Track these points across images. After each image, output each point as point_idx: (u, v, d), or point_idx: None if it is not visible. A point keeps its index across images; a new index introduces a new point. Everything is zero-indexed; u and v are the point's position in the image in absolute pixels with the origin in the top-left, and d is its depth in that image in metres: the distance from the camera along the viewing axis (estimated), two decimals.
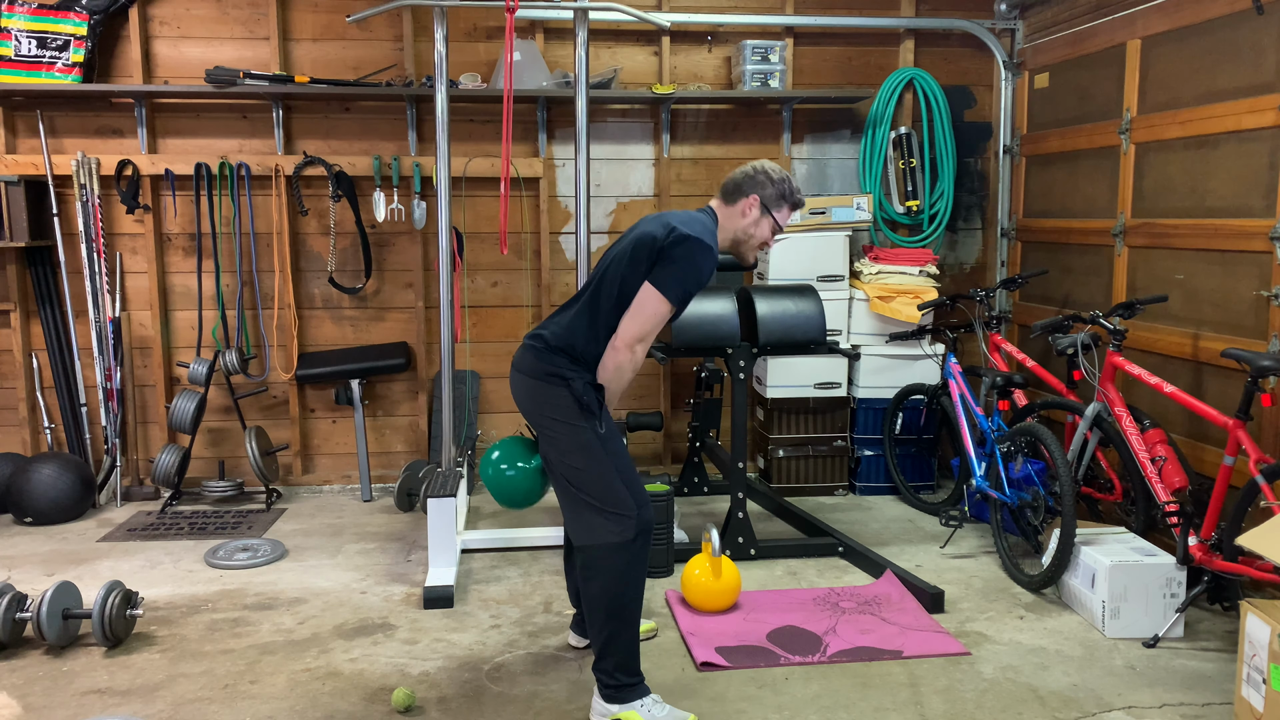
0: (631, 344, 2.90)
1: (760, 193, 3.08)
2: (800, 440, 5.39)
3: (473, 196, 5.45)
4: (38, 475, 4.85)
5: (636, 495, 2.93)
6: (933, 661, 3.40)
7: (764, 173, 3.10)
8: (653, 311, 2.89)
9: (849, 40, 5.63)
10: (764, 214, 3.10)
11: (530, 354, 3.00)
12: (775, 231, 3.15)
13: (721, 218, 3.11)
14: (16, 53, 4.98)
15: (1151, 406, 4.30)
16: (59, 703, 3.12)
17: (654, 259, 2.90)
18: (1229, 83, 3.97)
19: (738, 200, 3.10)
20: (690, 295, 2.94)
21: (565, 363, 2.93)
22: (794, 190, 3.14)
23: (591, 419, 2.91)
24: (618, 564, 2.91)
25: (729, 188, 3.12)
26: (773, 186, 3.09)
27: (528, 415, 3.03)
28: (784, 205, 3.13)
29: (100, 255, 5.17)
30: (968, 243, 5.85)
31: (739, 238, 3.12)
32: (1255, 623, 2.83)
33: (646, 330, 2.90)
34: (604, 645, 2.96)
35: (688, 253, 2.88)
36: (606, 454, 2.91)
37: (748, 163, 3.17)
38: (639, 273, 2.91)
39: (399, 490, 5.07)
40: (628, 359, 2.91)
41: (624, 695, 2.96)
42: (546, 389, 2.94)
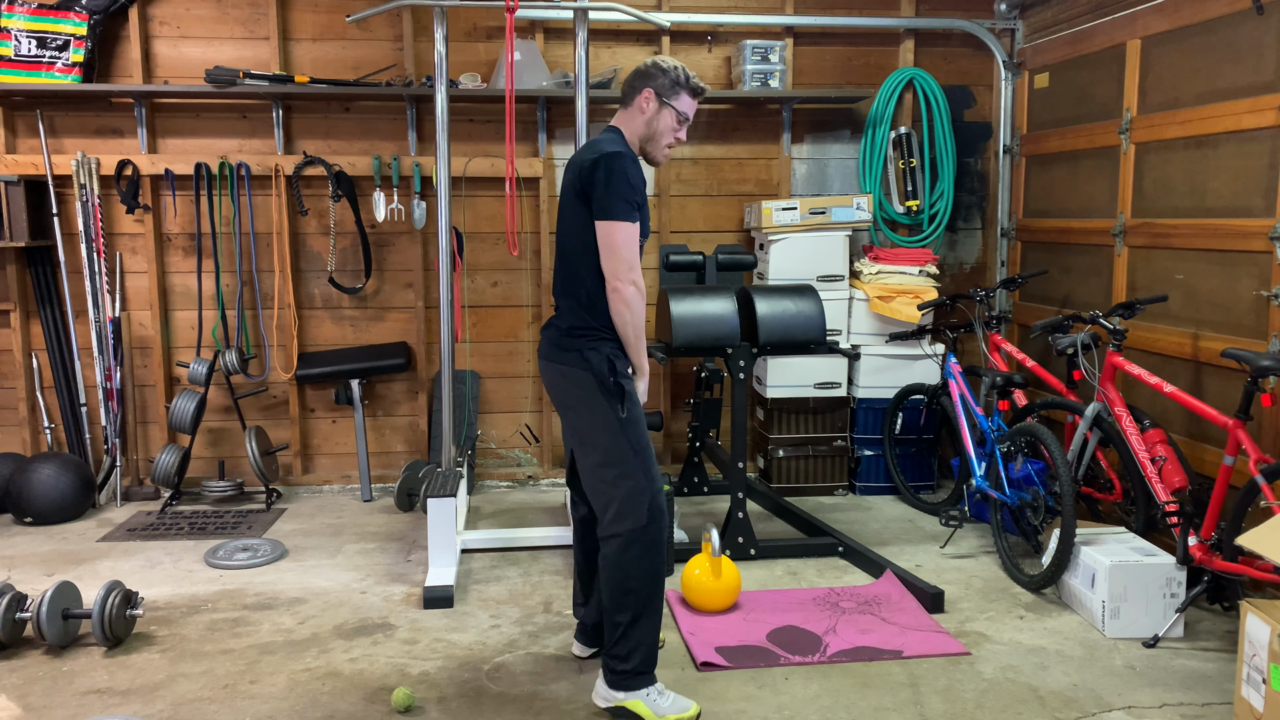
0: (623, 276, 2.91)
1: (652, 84, 3.06)
2: (800, 440, 5.39)
3: (472, 196, 5.45)
4: (38, 475, 4.85)
5: (655, 480, 2.97)
6: (933, 661, 3.40)
7: (655, 65, 3.08)
8: (619, 239, 2.90)
9: (849, 40, 5.63)
10: (662, 105, 3.07)
11: (550, 342, 3.07)
12: (680, 121, 3.10)
13: (623, 124, 3.10)
14: (16, 53, 4.98)
15: (1151, 406, 4.30)
16: (59, 703, 3.12)
17: (586, 197, 2.94)
18: (1229, 83, 3.97)
19: (633, 98, 3.08)
20: (636, 204, 2.93)
21: (581, 341, 2.98)
22: (689, 76, 3.09)
23: (612, 400, 2.93)
24: (638, 548, 2.94)
25: (624, 90, 3.11)
26: (664, 76, 3.06)
27: (556, 400, 3.10)
28: (680, 91, 3.08)
29: (100, 255, 5.17)
30: (968, 243, 5.85)
31: (644, 134, 3.08)
32: (1255, 623, 2.83)
33: (627, 257, 2.91)
34: (621, 633, 2.96)
35: (606, 171, 2.89)
36: (626, 437, 2.94)
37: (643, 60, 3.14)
38: (584, 221, 2.96)
39: (399, 490, 5.07)
40: (629, 290, 2.92)
41: (630, 684, 2.97)
42: (569, 372, 3.00)
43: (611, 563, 2.99)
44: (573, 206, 3.01)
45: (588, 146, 3.05)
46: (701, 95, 3.15)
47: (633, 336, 2.98)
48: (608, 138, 3.06)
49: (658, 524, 2.95)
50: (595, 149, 2.98)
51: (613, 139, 3.05)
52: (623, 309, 2.94)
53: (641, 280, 2.95)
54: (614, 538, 2.98)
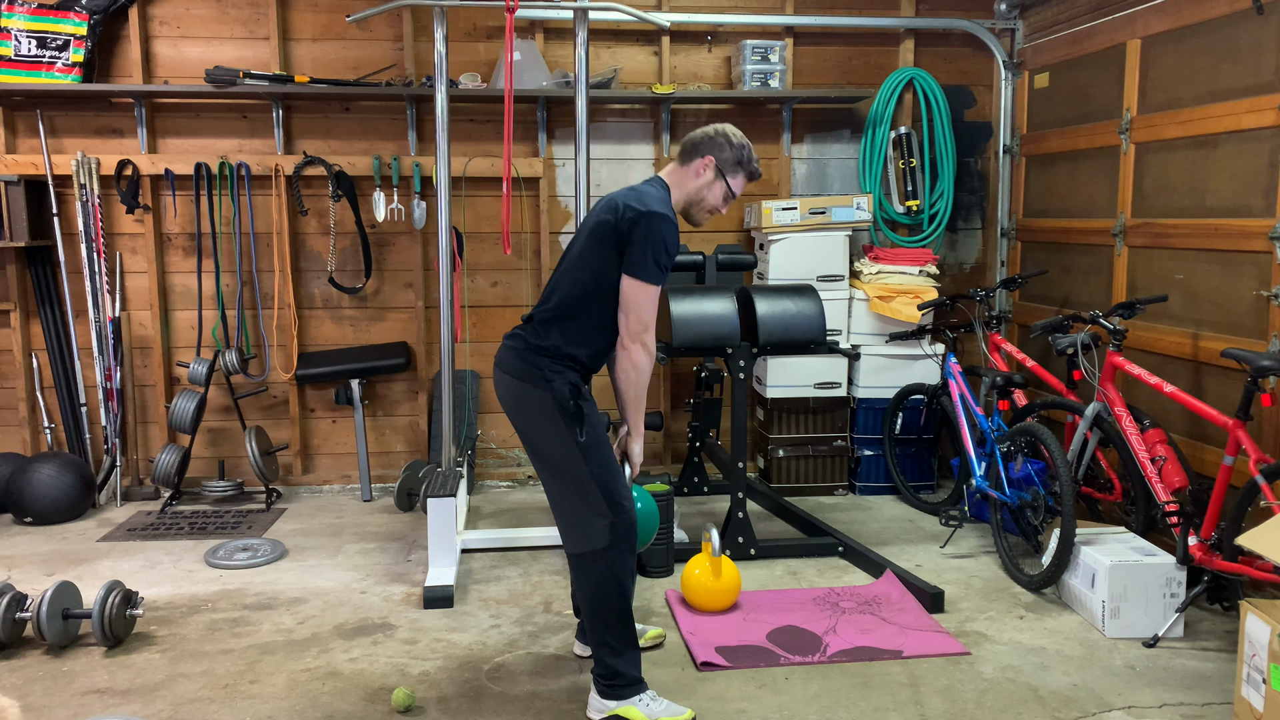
0: (638, 336, 2.90)
1: (717, 154, 3.03)
2: (800, 440, 5.39)
3: (473, 196, 5.45)
4: (38, 475, 4.85)
5: (617, 498, 2.92)
6: (933, 661, 3.40)
7: (723, 135, 3.04)
8: (642, 300, 2.88)
9: (849, 40, 5.63)
10: (718, 177, 3.04)
11: (513, 354, 2.99)
12: (727, 198, 3.09)
13: (674, 179, 3.06)
14: (16, 53, 4.98)
15: (1151, 406, 4.30)
16: (59, 703, 3.12)
17: (617, 245, 2.89)
18: (1229, 83, 3.97)
19: (693, 160, 3.04)
20: (666, 268, 2.91)
21: (548, 363, 2.93)
22: (751, 159, 3.08)
23: (572, 424, 2.90)
24: (601, 568, 2.93)
25: (686, 147, 3.06)
26: (730, 150, 3.03)
27: (511, 415, 3.03)
28: (739, 172, 3.06)
29: (100, 255, 5.17)
30: (968, 243, 5.85)
31: (691, 198, 3.06)
32: (1255, 623, 2.83)
33: (645, 319, 2.89)
34: (599, 647, 2.98)
35: (648, 229, 2.85)
36: (586, 460, 2.90)
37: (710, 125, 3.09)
38: (604, 261, 2.91)
39: (399, 490, 5.07)
40: (640, 351, 2.91)
41: (621, 693, 2.98)
42: (530, 390, 2.94)
43: (577, 582, 3.00)
44: (598, 243, 2.93)
45: (632, 194, 2.95)
46: (756, 179, 3.15)
47: (634, 397, 2.98)
48: (655, 193, 2.98)
49: (621, 545, 2.92)
50: (641, 201, 2.91)
51: (660, 196, 2.98)
52: (630, 369, 2.93)
53: (654, 347, 2.94)
54: (577, 557, 2.97)
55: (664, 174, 3.08)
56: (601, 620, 2.96)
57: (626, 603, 2.98)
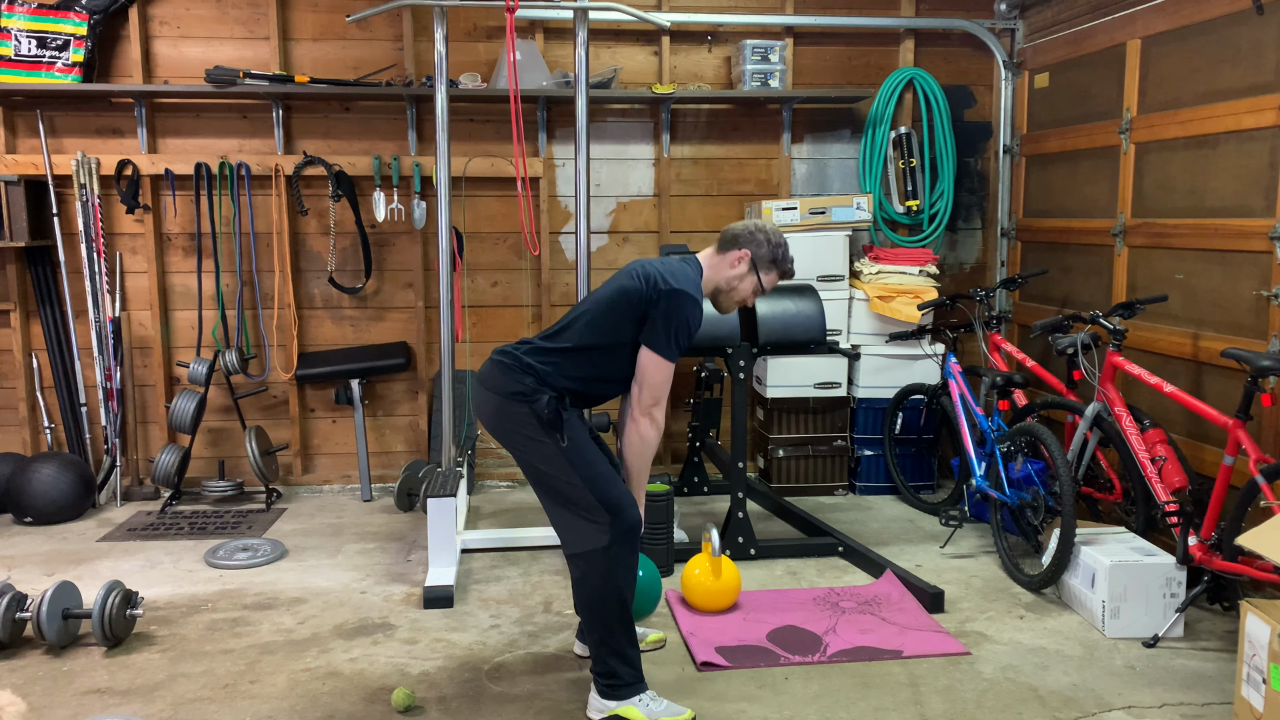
0: (648, 410, 2.98)
1: (754, 250, 3.13)
2: (800, 440, 5.39)
3: (473, 196, 5.45)
4: (38, 475, 4.85)
5: (612, 500, 2.93)
6: (933, 661, 3.40)
7: (764, 232, 3.15)
8: (658, 376, 2.96)
9: (849, 40, 5.63)
10: (751, 270, 3.15)
11: (497, 370, 3.02)
12: (757, 292, 3.19)
13: (710, 265, 3.15)
14: (16, 52, 4.98)
15: (1151, 406, 4.30)
16: (59, 703, 3.12)
17: (641, 314, 2.95)
18: (1229, 83, 3.97)
19: (730, 251, 3.14)
20: (684, 347, 3.00)
21: (532, 382, 2.97)
22: (787, 258, 3.18)
23: (552, 434, 2.93)
24: (600, 569, 2.93)
25: (726, 237, 3.16)
26: (768, 248, 3.14)
27: (492, 431, 3.07)
28: (773, 269, 3.17)
29: (100, 255, 5.17)
30: (968, 243, 5.85)
31: (722, 287, 3.16)
32: (1255, 623, 2.83)
33: (658, 393, 2.98)
34: (598, 648, 2.99)
35: (676, 308, 2.93)
36: (572, 466, 2.93)
37: (751, 219, 3.20)
38: (622, 324, 2.98)
39: (399, 490, 5.07)
40: (649, 426, 2.99)
41: (621, 693, 2.98)
42: (509, 406, 2.97)
43: (576, 584, 3.01)
44: (623, 306, 2.98)
45: (666, 268, 3.01)
46: (789, 278, 3.24)
47: (639, 468, 3.04)
48: (688, 273, 3.04)
49: (620, 544, 2.93)
50: (674, 278, 2.97)
51: (692, 278, 3.04)
52: (637, 441, 3.00)
53: (663, 422, 3.01)
54: (575, 558, 2.98)
55: (701, 256, 3.17)
56: (600, 620, 2.97)
57: (626, 603, 2.98)
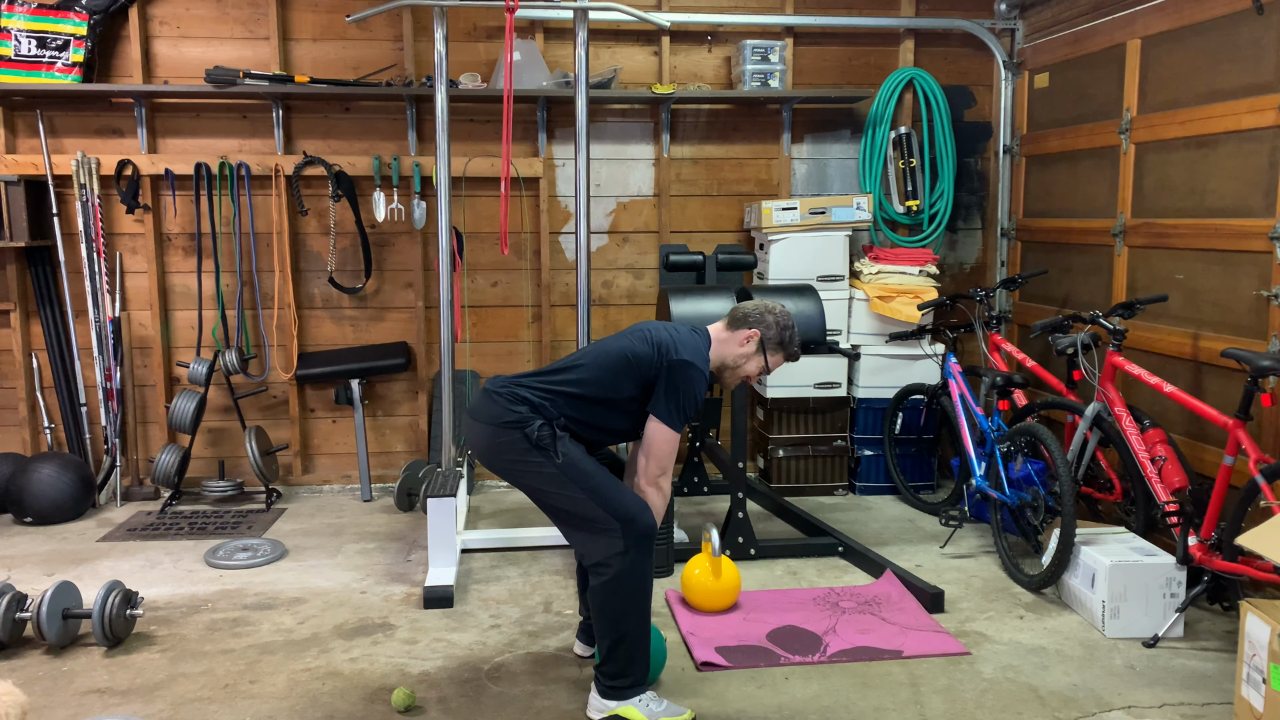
0: (654, 480, 3.03)
1: (764, 331, 3.17)
2: (800, 440, 5.39)
3: (473, 196, 5.45)
4: (38, 475, 4.85)
5: (620, 509, 2.94)
6: (933, 661, 3.40)
7: (774, 314, 3.18)
8: (665, 448, 3.01)
9: (849, 40, 5.63)
10: (759, 351, 3.18)
11: (488, 402, 3.06)
12: (762, 371, 3.22)
13: (719, 340, 3.19)
14: (16, 53, 4.98)
15: (1151, 406, 4.30)
16: (59, 703, 3.12)
17: (647, 380, 3.01)
18: (1229, 83, 3.97)
19: (740, 329, 3.18)
20: (689, 417, 3.05)
21: (525, 411, 2.99)
22: (794, 341, 3.22)
23: (546, 454, 2.96)
24: (617, 575, 2.94)
25: (737, 315, 3.20)
26: (776, 330, 3.18)
27: (485, 462, 3.09)
28: (779, 352, 3.21)
29: (100, 255, 5.17)
30: (968, 243, 5.85)
31: (728, 363, 3.19)
32: (1255, 623, 2.83)
33: (664, 463, 3.03)
34: (609, 650, 2.99)
35: (686, 380, 2.99)
36: (572, 482, 2.96)
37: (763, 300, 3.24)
38: (626, 385, 3.04)
39: (399, 490, 5.07)
40: (656, 496, 3.04)
41: (622, 693, 2.99)
42: (501, 434, 3.00)
43: (595, 590, 3.00)
44: (630, 368, 3.02)
45: (677, 336, 3.06)
46: (794, 360, 3.27)
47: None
48: (697, 345, 3.08)
49: (637, 549, 2.94)
50: (684, 349, 3.02)
51: (700, 349, 3.08)
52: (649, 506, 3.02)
53: (669, 490, 3.06)
54: (599, 567, 2.98)
55: (712, 329, 3.22)
56: (616, 624, 2.96)
57: (644, 608, 2.99)
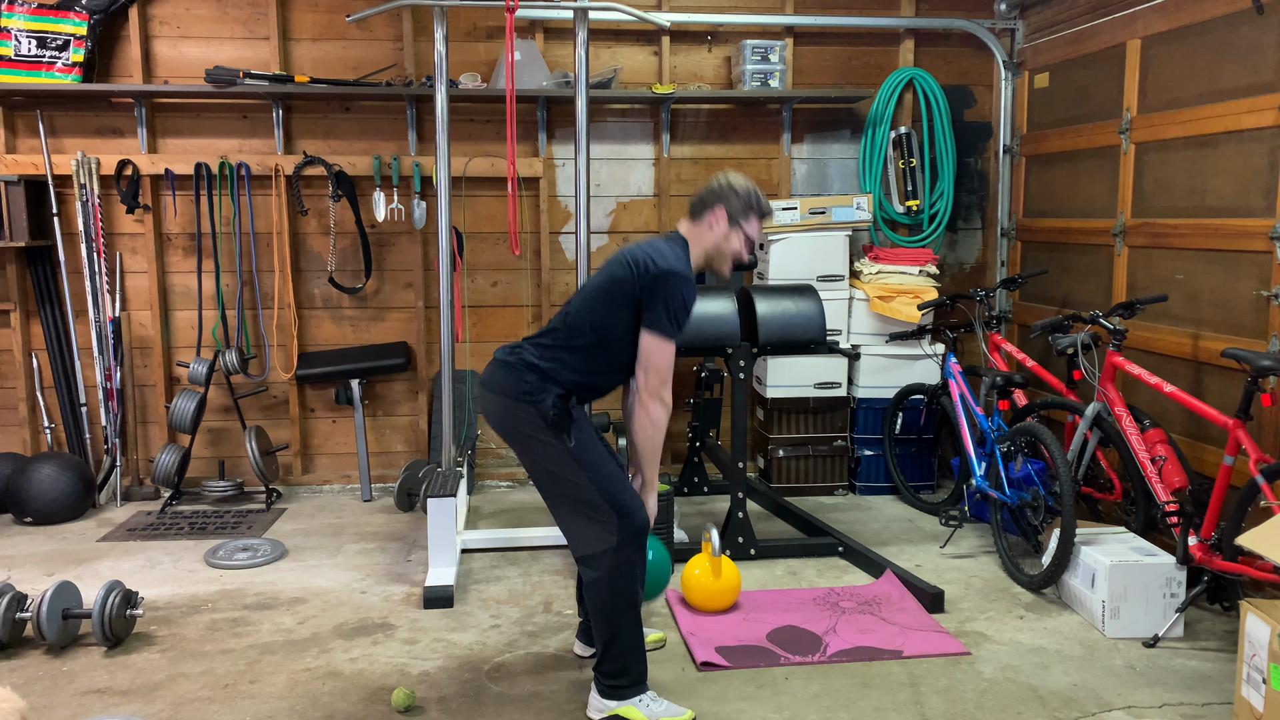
0: (655, 392, 2.97)
1: (726, 205, 3.09)
2: (800, 440, 5.39)
3: (473, 196, 5.45)
4: (38, 475, 4.85)
5: (619, 501, 2.94)
6: (933, 661, 3.40)
7: (728, 186, 3.10)
8: (660, 357, 2.95)
9: (849, 40, 5.63)
10: (732, 226, 3.10)
11: (502, 371, 3.03)
12: (748, 244, 3.15)
13: (691, 236, 3.12)
14: (16, 52, 4.98)
15: (1151, 406, 4.30)
16: (59, 703, 3.12)
17: (635, 300, 2.95)
18: (1229, 83, 3.97)
19: (704, 215, 3.10)
20: (683, 324, 2.99)
21: (535, 380, 2.97)
22: (760, 200, 3.14)
23: (559, 434, 2.94)
24: (609, 570, 2.94)
25: (695, 205, 3.13)
26: (738, 199, 3.09)
27: (499, 431, 3.07)
28: (752, 216, 3.12)
29: (100, 255, 5.17)
30: (968, 243, 5.85)
31: (710, 252, 3.12)
32: (1255, 623, 2.83)
33: (664, 374, 2.97)
34: (604, 649, 2.99)
35: (667, 288, 2.93)
36: (579, 465, 2.94)
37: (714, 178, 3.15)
38: (615, 313, 2.98)
39: (399, 490, 5.07)
40: (659, 408, 2.98)
41: (622, 693, 2.99)
42: (515, 407, 2.98)
43: (588, 585, 3.00)
44: (614, 295, 2.98)
45: (651, 250, 3.00)
46: (769, 217, 3.20)
47: (650, 452, 3.03)
48: (672, 251, 3.03)
49: (630, 545, 2.94)
50: (659, 259, 2.96)
51: (677, 254, 3.03)
52: (648, 424, 2.98)
53: (670, 402, 3.00)
54: (585, 560, 2.98)
55: (682, 230, 3.14)
56: (608, 620, 2.97)
57: (636, 604, 2.99)
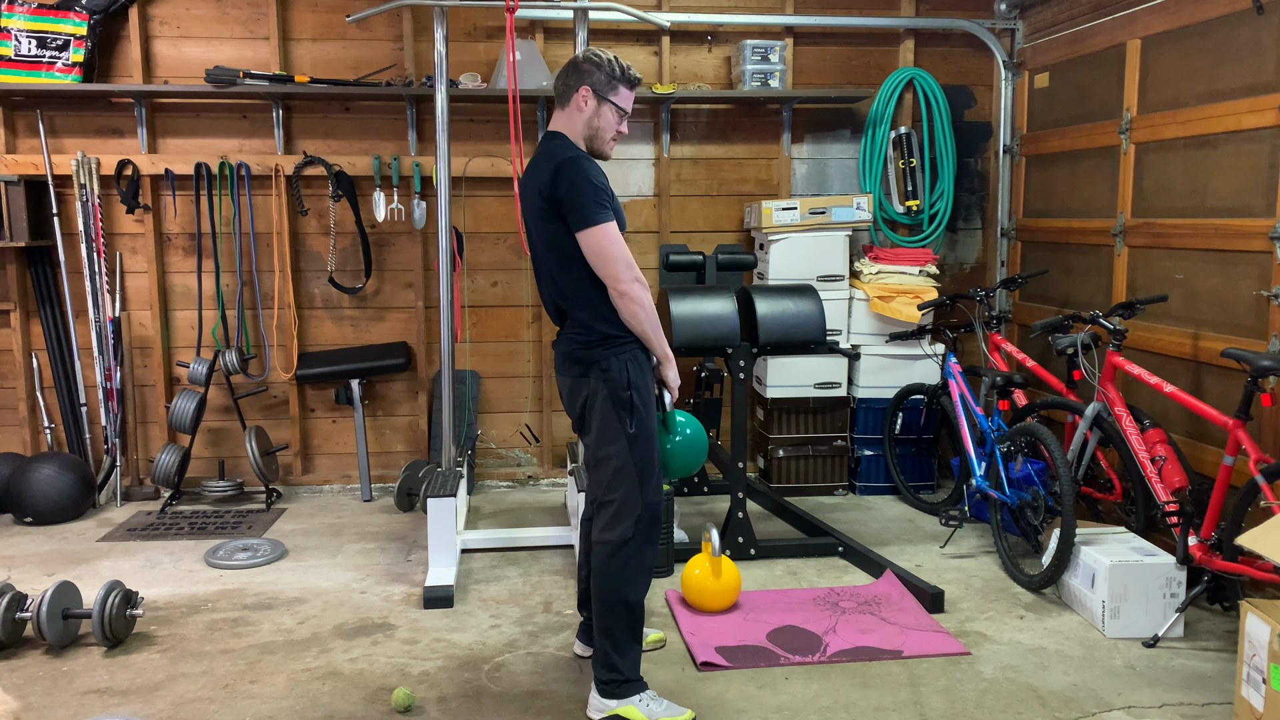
0: (623, 279, 2.86)
1: (589, 81, 2.97)
2: (800, 440, 5.39)
3: (473, 196, 5.45)
4: (38, 475, 4.85)
5: (649, 494, 2.96)
6: (933, 661, 3.40)
7: (588, 60, 2.98)
8: (607, 244, 2.84)
9: (849, 40, 5.63)
10: (601, 101, 2.98)
11: (564, 358, 3.04)
12: (621, 116, 3.03)
13: (563, 126, 3.01)
14: (16, 53, 4.98)
15: (1151, 406, 4.30)
16: (59, 703, 3.12)
17: (557, 211, 2.88)
18: (1229, 83, 3.97)
19: (570, 97, 2.99)
20: (604, 199, 2.87)
21: (600, 351, 2.94)
22: (625, 68, 3.00)
23: (622, 414, 2.93)
24: (619, 560, 2.96)
25: (558, 88, 3.02)
26: (600, 71, 2.97)
27: (571, 411, 3.08)
28: (619, 85, 2.99)
29: (100, 255, 5.17)
30: (968, 243, 5.85)
31: (587, 134, 3.00)
32: (1255, 623, 2.83)
33: (621, 256, 2.85)
34: (603, 639, 2.99)
35: (568, 176, 2.84)
36: (630, 449, 2.94)
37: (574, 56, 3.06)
38: (559, 231, 2.90)
39: (399, 490, 5.07)
40: (637, 291, 2.87)
41: (621, 691, 2.98)
42: (587, 381, 2.98)
43: (598, 570, 3.01)
44: (542, 222, 2.94)
45: (540, 159, 2.95)
46: (637, 85, 3.07)
47: (650, 331, 2.95)
48: (554, 146, 2.96)
49: (644, 539, 2.96)
50: (549, 159, 2.89)
51: (560, 145, 2.96)
52: (634, 309, 2.90)
53: (641, 275, 2.91)
54: (602, 544, 3.00)
55: (555, 126, 3.04)
56: (611, 613, 2.98)
57: (639, 600, 3.00)
